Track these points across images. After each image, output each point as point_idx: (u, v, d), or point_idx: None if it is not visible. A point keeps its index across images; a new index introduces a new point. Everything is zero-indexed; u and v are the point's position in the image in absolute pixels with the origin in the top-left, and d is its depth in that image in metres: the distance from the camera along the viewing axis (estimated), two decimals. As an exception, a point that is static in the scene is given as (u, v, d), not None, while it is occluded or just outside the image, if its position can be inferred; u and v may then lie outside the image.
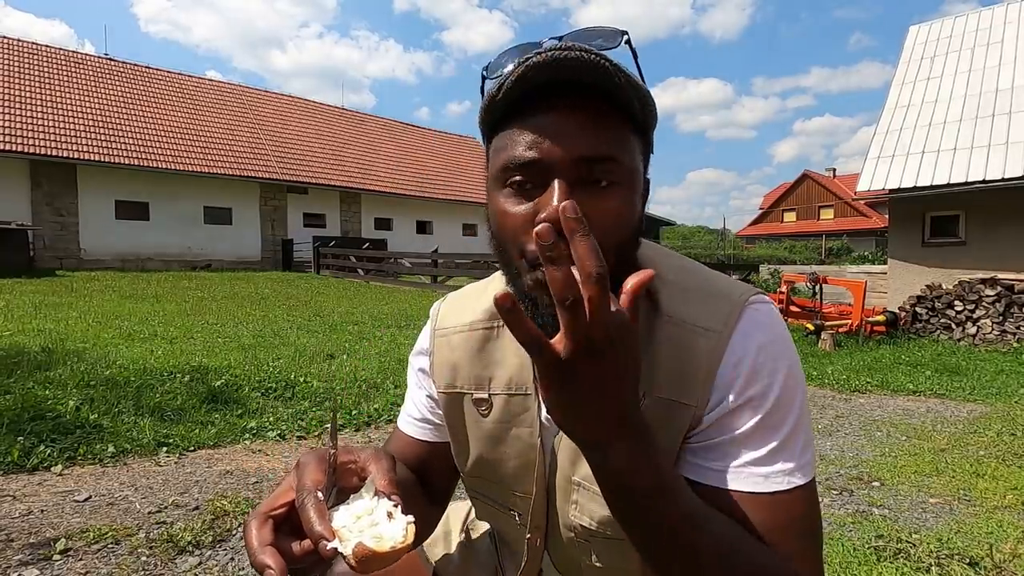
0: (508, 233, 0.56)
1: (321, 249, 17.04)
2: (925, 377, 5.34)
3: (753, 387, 0.57)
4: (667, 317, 0.62)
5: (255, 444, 3.02)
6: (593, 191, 0.54)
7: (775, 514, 0.55)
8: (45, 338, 4.99)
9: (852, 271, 12.98)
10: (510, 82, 0.53)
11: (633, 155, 0.57)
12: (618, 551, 0.65)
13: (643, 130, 0.58)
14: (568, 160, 0.53)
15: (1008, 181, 7.97)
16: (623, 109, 0.55)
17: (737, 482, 0.56)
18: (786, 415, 0.58)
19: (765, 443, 0.57)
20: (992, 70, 9.30)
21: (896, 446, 3.41)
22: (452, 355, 0.74)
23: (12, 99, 15.42)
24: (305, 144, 21.36)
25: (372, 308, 9.10)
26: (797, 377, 0.59)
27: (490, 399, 0.71)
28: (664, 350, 0.61)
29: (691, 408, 0.59)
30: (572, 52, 0.51)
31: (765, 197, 45.31)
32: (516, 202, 0.55)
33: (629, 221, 0.56)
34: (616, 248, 0.55)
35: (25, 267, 12.95)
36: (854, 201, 26.86)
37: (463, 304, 0.77)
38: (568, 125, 0.53)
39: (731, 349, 0.59)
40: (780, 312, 0.73)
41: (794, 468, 0.56)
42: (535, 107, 0.54)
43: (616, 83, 0.52)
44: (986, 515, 2.41)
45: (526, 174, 0.54)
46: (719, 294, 0.62)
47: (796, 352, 0.61)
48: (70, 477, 2.46)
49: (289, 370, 4.33)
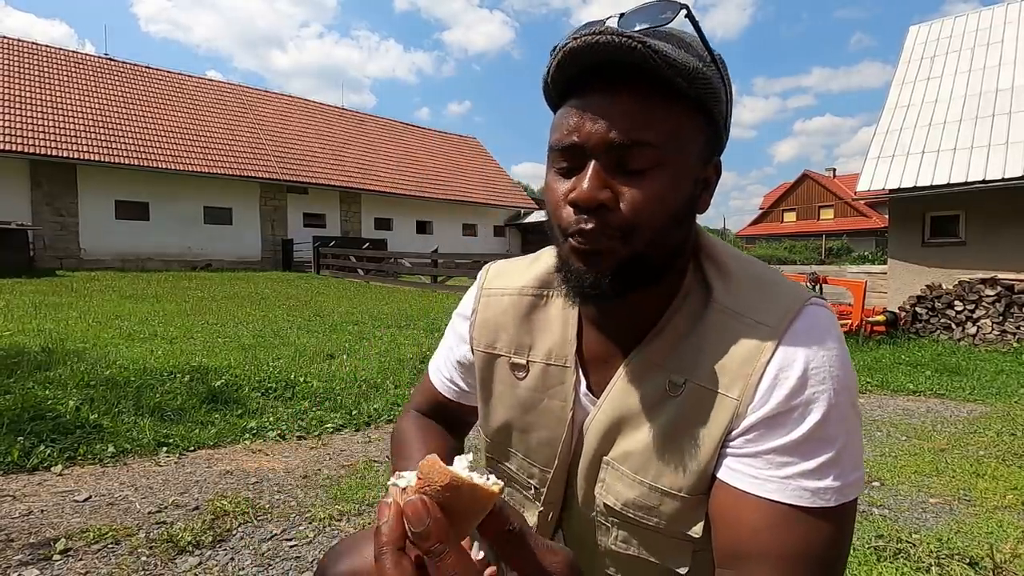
0: (551, 207, 0.60)
1: (321, 249, 17.04)
2: (925, 377, 5.34)
3: (805, 392, 0.54)
4: (720, 305, 0.61)
5: (255, 444, 3.01)
6: (630, 175, 0.55)
7: (815, 533, 0.52)
8: (45, 338, 4.99)
9: (852, 271, 12.97)
10: (553, 67, 0.56)
11: (679, 138, 0.56)
12: (642, 536, 0.64)
13: (703, 108, 0.57)
14: (604, 143, 0.54)
15: (1008, 181, 7.97)
16: (669, 90, 0.54)
17: (782, 494, 0.53)
18: (840, 427, 0.54)
19: (816, 456, 0.53)
20: (992, 70, 9.30)
21: (896, 446, 3.41)
22: (497, 316, 0.75)
23: (12, 99, 15.43)
24: (305, 144, 21.36)
25: (372, 308, 9.10)
26: (852, 387, 0.56)
27: (527, 365, 0.71)
28: (712, 338, 0.60)
29: (733, 402, 0.57)
30: (604, 37, 0.51)
31: (765, 197, 45.32)
32: (560, 180, 0.59)
33: (667, 206, 0.56)
34: (649, 233, 0.56)
35: (25, 267, 12.96)
36: (854, 201, 26.86)
37: (515, 268, 0.78)
38: (607, 109, 0.55)
39: (783, 348, 0.56)
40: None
41: (843, 486, 0.53)
42: (582, 89, 0.56)
43: (653, 64, 0.52)
44: (986, 515, 2.41)
45: (567, 157, 0.58)
46: (778, 290, 0.61)
47: (850, 360, 0.58)
48: (70, 477, 2.46)
49: (289, 370, 4.33)
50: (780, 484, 0.53)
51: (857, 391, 0.58)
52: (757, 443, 0.55)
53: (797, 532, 0.52)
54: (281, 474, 2.63)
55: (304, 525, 2.15)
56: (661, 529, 0.63)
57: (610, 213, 0.55)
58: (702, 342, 0.60)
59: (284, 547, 1.98)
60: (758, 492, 0.54)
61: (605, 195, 0.54)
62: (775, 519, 0.53)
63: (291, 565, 1.88)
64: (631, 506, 0.63)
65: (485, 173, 27.89)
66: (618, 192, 0.55)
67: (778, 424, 0.55)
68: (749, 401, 0.56)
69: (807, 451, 0.53)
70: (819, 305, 0.60)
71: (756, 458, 0.55)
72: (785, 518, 0.53)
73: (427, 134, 28.44)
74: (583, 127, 0.55)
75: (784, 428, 0.54)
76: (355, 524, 2.16)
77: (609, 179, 0.55)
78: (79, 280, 11.71)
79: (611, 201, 0.55)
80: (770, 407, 0.55)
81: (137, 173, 16.48)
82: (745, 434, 0.56)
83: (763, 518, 0.53)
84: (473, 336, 0.77)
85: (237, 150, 18.98)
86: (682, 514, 0.61)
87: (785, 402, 0.55)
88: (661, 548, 0.64)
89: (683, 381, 0.60)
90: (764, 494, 0.54)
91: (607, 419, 0.65)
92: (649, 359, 0.63)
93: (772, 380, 0.56)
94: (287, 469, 2.70)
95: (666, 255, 0.60)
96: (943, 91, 9.69)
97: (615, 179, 0.55)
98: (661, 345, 0.62)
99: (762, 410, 0.55)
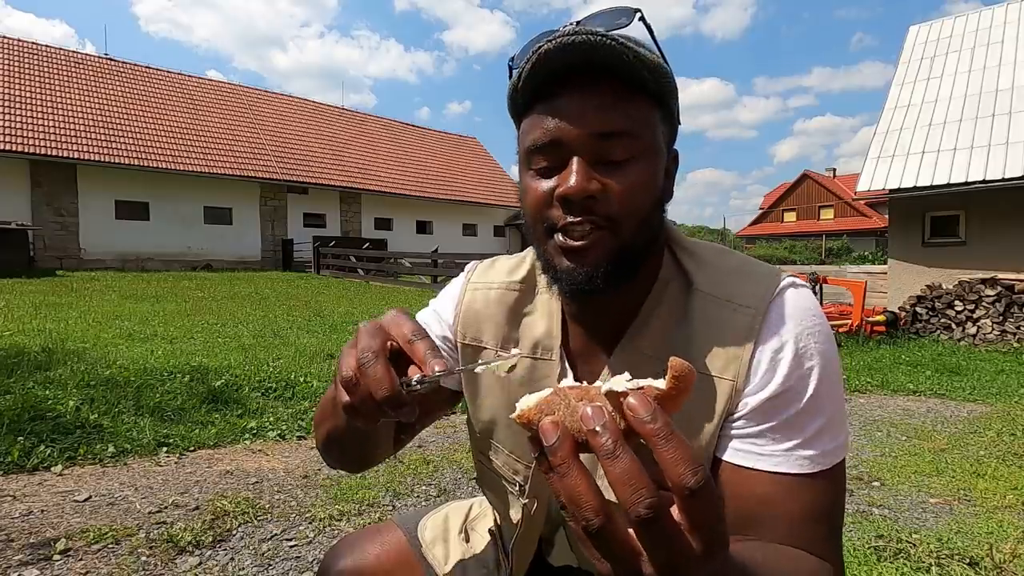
0: (532, 208, 0.60)
1: (321, 249, 17.04)
2: (925, 377, 5.34)
3: (799, 370, 0.58)
4: (702, 292, 0.63)
5: (255, 444, 3.01)
6: (612, 167, 0.57)
7: (817, 494, 0.56)
8: (45, 338, 4.99)
9: (852, 271, 12.97)
10: (526, 71, 0.57)
11: (651, 128, 0.58)
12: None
13: (662, 103, 0.59)
14: (584, 137, 0.56)
15: (1008, 181, 7.96)
16: (637, 85, 0.56)
17: (785, 465, 0.57)
18: (829, 397, 0.58)
19: (811, 426, 0.57)
20: (992, 70, 9.29)
21: (896, 446, 3.41)
22: (483, 309, 0.75)
23: (12, 99, 15.43)
24: (305, 144, 21.36)
25: (372, 308, 9.10)
26: (835, 357, 0.60)
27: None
28: (699, 325, 0.62)
29: (729, 383, 0.59)
30: (579, 36, 0.53)
31: (765, 197, 45.31)
32: (539, 180, 0.60)
33: (650, 193, 0.59)
34: (637, 222, 0.58)
35: (25, 267, 12.96)
36: (854, 201, 26.85)
37: (501, 264, 0.79)
38: (583, 105, 0.56)
39: (768, 328, 0.59)
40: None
41: (835, 448, 0.58)
42: (553, 92, 0.57)
43: (625, 60, 0.54)
44: (986, 515, 2.41)
45: (547, 155, 0.58)
46: (756, 274, 0.64)
47: (831, 330, 0.62)
48: (70, 477, 2.45)
49: (289, 370, 4.33)
50: (783, 457, 0.57)
51: (839, 358, 0.62)
52: (759, 423, 0.58)
53: (803, 497, 0.56)
54: (281, 474, 2.63)
55: (304, 525, 2.15)
56: None
57: (598, 204, 0.56)
58: (690, 329, 0.62)
59: (284, 547, 1.98)
60: (763, 467, 0.57)
61: (595, 187, 0.56)
62: (781, 488, 0.57)
63: (291, 565, 1.88)
64: None
65: (485, 173, 27.89)
66: (604, 183, 0.56)
67: (778, 403, 0.58)
68: (745, 382, 0.59)
69: (803, 423, 0.57)
70: (795, 284, 0.63)
71: (759, 436, 0.58)
72: (789, 486, 0.56)
73: (427, 134, 28.44)
74: (562, 124, 0.56)
75: (783, 406, 0.58)
76: (355, 524, 2.16)
77: (593, 172, 0.56)
78: (79, 280, 11.71)
79: (599, 192, 0.56)
80: (771, 389, 0.58)
81: (137, 173, 16.47)
82: (747, 416, 0.59)
83: (770, 489, 0.57)
84: (458, 329, 0.76)
85: (237, 150, 18.98)
86: None
87: (784, 383, 0.58)
88: None
89: None
90: (769, 467, 0.57)
91: None
92: (639, 352, 0.64)
93: (769, 362, 0.58)
94: (287, 469, 2.70)
95: (648, 243, 0.62)
96: (943, 91, 9.69)
97: (598, 172, 0.56)
98: (649, 337, 0.64)
99: (763, 392, 0.58)
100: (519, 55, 0.60)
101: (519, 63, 0.59)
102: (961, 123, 9.00)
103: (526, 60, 0.57)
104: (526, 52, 0.58)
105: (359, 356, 0.46)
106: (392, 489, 2.50)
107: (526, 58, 0.57)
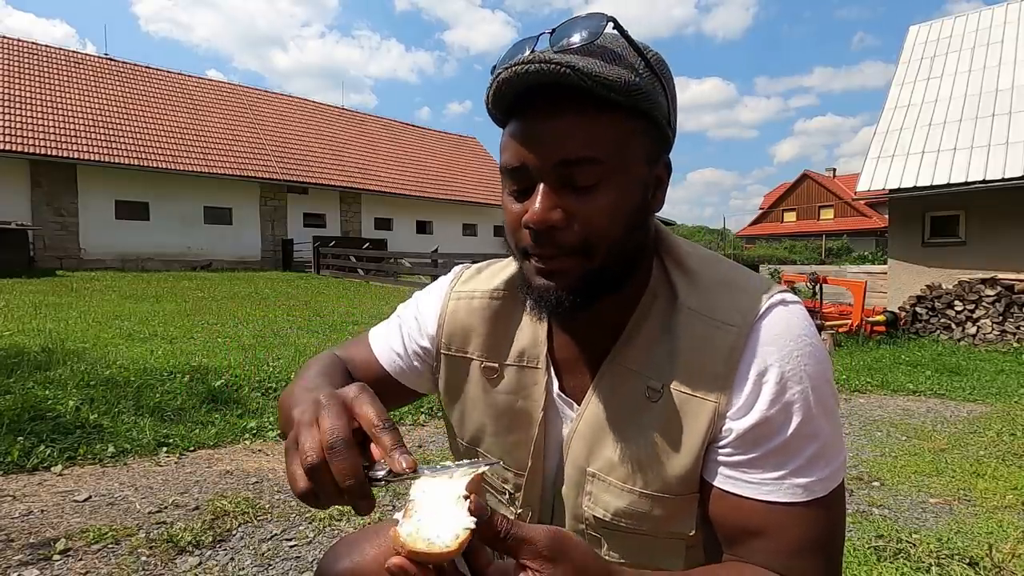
0: (508, 228, 0.62)
1: (321, 249, 17.03)
2: (925, 377, 5.34)
3: (785, 396, 0.55)
4: (686, 307, 0.61)
5: (255, 444, 3.01)
6: (580, 191, 0.55)
7: (812, 523, 0.54)
8: (45, 338, 4.99)
9: (852, 271, 12.98)
10: (491, 95, 0.57)
11: (624, 148, 0.56)
12: (635, 543, 0.64)
13: (643, 115, 0.56)
14: (548, 165, 0.55)
15: (1008, 181, 7.96)
16: (605, 104, 0.54)
17: (777, 494, 0.55)
18: (821, 420, 0.56)
19: (803, 452, 0.55)
20: (992, 70, 9.29)
21: (896, 446, 3.41)
22: (467, 318, 0.74)
23: (12, 99, 15.42)
24: (305, 144, 21.35)
25: (372, 308, 9.09)
26: (828, 378, 0.57)
27: (501, 369, 0.71)
28: (683, 342, 0.60)
29: (712, 405, 0.57)
30: (532, 66, 0.52)
31: (765, 197, 45.31)
32: (513, 201, 0.60)
33: (619, 217, 0.57)
34: (606, 246, 0.57)
35: (25, 267, 12.95)
36: (854, 201, 26.85)
37: (486, 272, 0.78)
38: (547, 131, 0.55)
39: (752, 349, 0.57)
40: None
41: (831, 473, 0.56)
42: (523, 110, 0.57)
43: (584, 86, 0.52)
44: (986, 515, 2.41)
45: (516, 179, 0.58)
46: (741, 288, 0.61)
47: (824, 349, 0.58)
48: (70, 477, 2.45)
49: (289, 370, 4.32)
50: (774, 485, 0.55)
51: (832, 377, 0.59)
52: (747, 451, 0.56)
53: (798, 526, 0.54)
54: (281, 474, 2.63)
55: (304, 525, 2.15)
56: (654, 533, 0.63)
57: (563, 232, 0.55)
58: (674, 347, 0.60)
59: (284, 547, 1.98)
60: (755, 495, 0.56)
61: (556, 216, 0.55)
62: (773, 518, 0.55)
63: (291, 565, 1.88)
64: (621, 515, 0.63)
65: (485, 173, 27.87)
66: (569, 211, 0.55)
67: (765, 430, 0.56)
68: (727, 403, 0.57)
69: (795, 450, 0.55)
70: (784, 301, 0.60)
71: (748, 464, 0.56)
72: (782, 516, 0.55)
73: (427, 134, 28.43)
74: (527, 150, 0.56)
75: (771, 433, 0.56)
76: (355, 524, 2.16)
77: (559, 198, 0.55)
78: (79, 280, 11.71)
79: (562, 221, 0.55)
80: (755, 416, 0.56)
81: (137, 173, 16.47)
82: (734, 443, 0.57)
83: (762, 519, 0.55)
84: (442, 340, 0.75)
85: (237, 150, 18.97)
86: (674, 515, 0.61)
87: (768, 409, 0.56)
88: (655, 552, 0.64)
89: (661, 386, 0.60)
90: (761, 496, 0.55)
91: (589, 430, 0.65)
92: (625, 366, 0.63)
93: (752, 386, 0.56)
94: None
95: (626, 263, 0.60)
96: (943, 91, 9.69)
97: (565, 197, 0.55)
98: (635, 351, 0.63)
99: (747, 418, 0.56)
100: (499, 63, 0.59)
101: (490, 77, 0.58)
102: (961, 123, 9.00)
103: (489, 83, 0.56)
104: (495, 70, 0.57)
105: (328, 439, 0.44)
106: (392, 489, 2.50)
107: (490, 80, 0.56)
